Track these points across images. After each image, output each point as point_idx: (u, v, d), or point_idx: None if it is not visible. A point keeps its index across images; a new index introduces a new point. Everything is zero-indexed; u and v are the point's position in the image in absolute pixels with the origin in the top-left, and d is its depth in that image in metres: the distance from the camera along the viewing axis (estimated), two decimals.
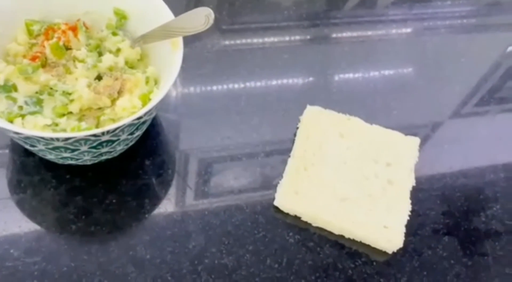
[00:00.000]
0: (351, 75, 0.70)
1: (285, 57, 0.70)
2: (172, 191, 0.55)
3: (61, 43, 0.52)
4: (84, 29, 0.55)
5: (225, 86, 0.66)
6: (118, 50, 0.55)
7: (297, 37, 0.74)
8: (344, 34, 0.76)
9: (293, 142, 0.60)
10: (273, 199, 0.55)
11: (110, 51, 0.55)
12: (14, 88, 0.50)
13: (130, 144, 0.53)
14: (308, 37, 0.74)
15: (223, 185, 0.56)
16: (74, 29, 0.54)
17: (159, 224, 0.53)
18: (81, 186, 0.54)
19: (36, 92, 0.51)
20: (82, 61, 0.52)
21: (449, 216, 0.57)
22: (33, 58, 0.52)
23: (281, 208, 0.55)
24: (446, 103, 0.69)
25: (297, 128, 0.61)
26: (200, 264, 0.50)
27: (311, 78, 0.69)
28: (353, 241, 0.54)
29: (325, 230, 0.54)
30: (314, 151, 0.58)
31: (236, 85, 0.66)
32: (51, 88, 0.51)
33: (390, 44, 0.75)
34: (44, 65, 0.52)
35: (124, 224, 0.52)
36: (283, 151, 0.60)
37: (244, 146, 0.60)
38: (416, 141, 0.61)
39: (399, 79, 0.71)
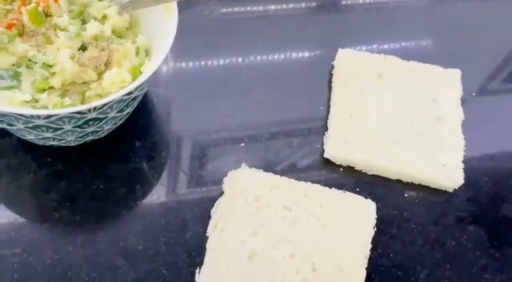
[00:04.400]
0: (363, 47, 0.70)
1: (292, 26, 0.71)
2: (165, 175, 0.56)
3: (40, 9, 0.52)
4: None
5: (224, 59, 0.67)
6: (104, 17, 0.55)
7: (304, 4, 0.75)
8: (358, 0, 0.77)
9: (303, 121, 0.61)
10: None
11: (95, 18, 0.55)
12: None
13: (119, 123, 0.54)
14: (316, 3, 0.75)
15: (222, 169, 0.56)
16: None
17: (152, 212, 0.54)
18: (65, 170, 0.55)
19: (13, 65, 0.51)
20: (64, 29, 0.53)
21: (475, 203, 0.58)
22: (9, 26, 0.52)
23: (333, 159, 0.58)
24: (471, 78, 0.68)
25: (331, 75, 0.64)
26: (198, 256, 0.51)
27: (319, 51, 0.69)
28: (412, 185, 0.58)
29: (381, 177, 0.58)
30: (355, 95, 0.62)
31: (236, 58, 0.67)
32: (29, 60, 0.51)
33: (409, 11, 0.76)
34: (21, 34, 0.52)
35: (113, 212, 0.54)
36: (289, 132, 0.61)
37: (246, 126, 0.61)
38: (457, 72, 0.65)
39: (419, 51, 0.71)
